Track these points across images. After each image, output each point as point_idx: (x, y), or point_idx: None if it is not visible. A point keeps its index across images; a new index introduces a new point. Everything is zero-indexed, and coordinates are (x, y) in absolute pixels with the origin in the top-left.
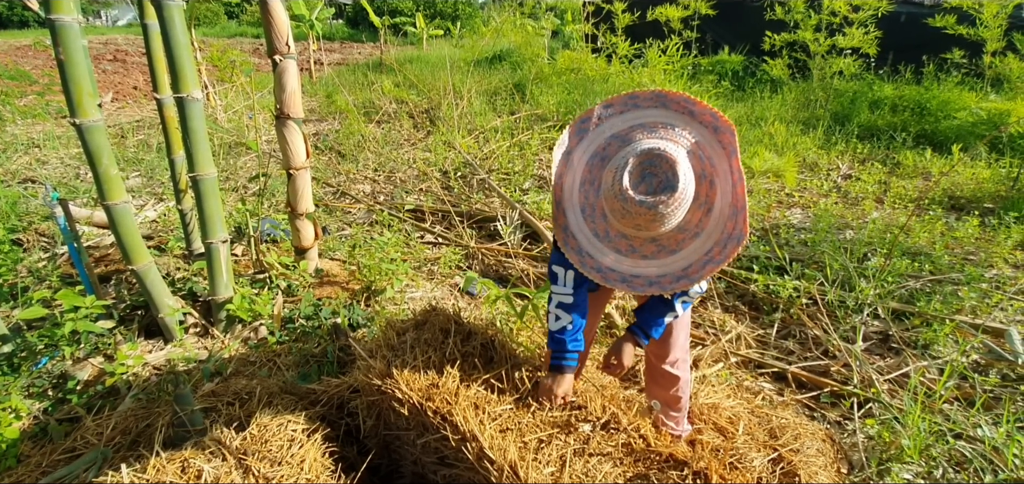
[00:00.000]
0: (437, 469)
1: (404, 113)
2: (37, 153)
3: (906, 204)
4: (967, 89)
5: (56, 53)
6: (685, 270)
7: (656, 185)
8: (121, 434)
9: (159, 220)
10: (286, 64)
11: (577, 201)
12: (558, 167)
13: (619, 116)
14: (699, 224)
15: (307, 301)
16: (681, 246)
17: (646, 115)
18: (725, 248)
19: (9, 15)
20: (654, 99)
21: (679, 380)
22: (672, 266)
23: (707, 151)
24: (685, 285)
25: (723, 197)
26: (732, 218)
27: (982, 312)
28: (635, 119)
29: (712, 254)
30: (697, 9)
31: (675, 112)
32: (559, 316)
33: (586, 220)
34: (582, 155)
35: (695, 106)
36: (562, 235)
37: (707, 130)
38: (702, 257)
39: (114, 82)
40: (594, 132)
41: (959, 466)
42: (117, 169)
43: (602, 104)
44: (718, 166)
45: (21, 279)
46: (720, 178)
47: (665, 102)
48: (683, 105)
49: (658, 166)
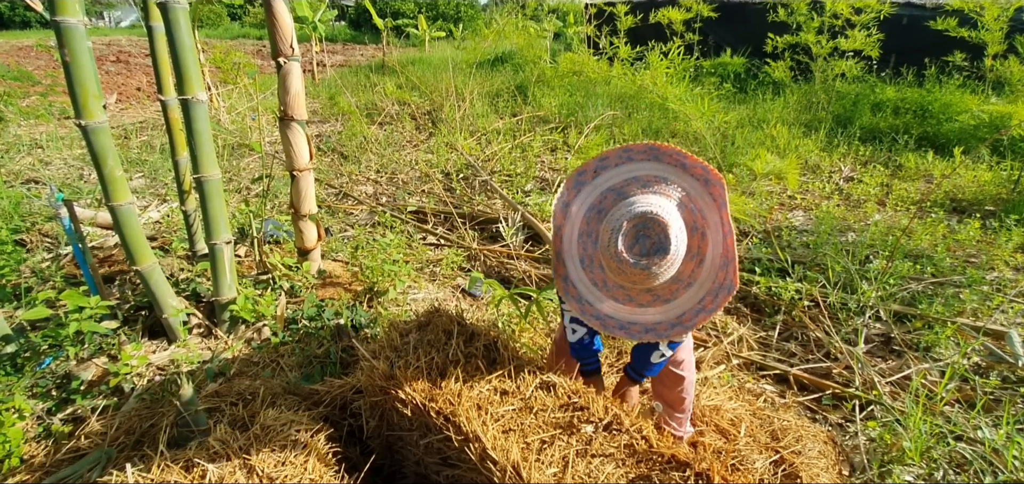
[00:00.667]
0: (440, 470)
1: (406, 115)
2: (40, 154)
3: (908, 206)
4: (969, 92)
5: (61, 55)
6: (679, 318)
7: (649, 247)
8: (125, 434)
9: (162, 221)
10: (290, 66)
11: (576, 252)
12: (557, 219)
13: (614, 169)
14: (692, 275)
15: (310, 302)
16: (675, 296)
17: (640, 168)
18: (717, 297)
19: (11, 16)
20: (647, 152)
21: (684, 380)
22: (667, 314)
23: (699, 203)
24: (680, 333)
25: (714, 248)
26: (723, 269)
27: (983, 314)
28: (630, 172)
29: (704, 303)
30: (699, 12)
31: (668, 165)
32: (575, 329)
33: (585, 270)
34: (580, 208)
35: (687, 159)
36: (562, 284)
37: (698, 182)
38: (695, 306)
39: (117, 83)
40: (591, 185)
41: (960, 468)
42: (122, 170)
43: (597, 158)
44: (709, 218)
45: (25, 280)
46: (711, 230)
47: (658, 155)
48: (675, 158)
49: (651, 229)
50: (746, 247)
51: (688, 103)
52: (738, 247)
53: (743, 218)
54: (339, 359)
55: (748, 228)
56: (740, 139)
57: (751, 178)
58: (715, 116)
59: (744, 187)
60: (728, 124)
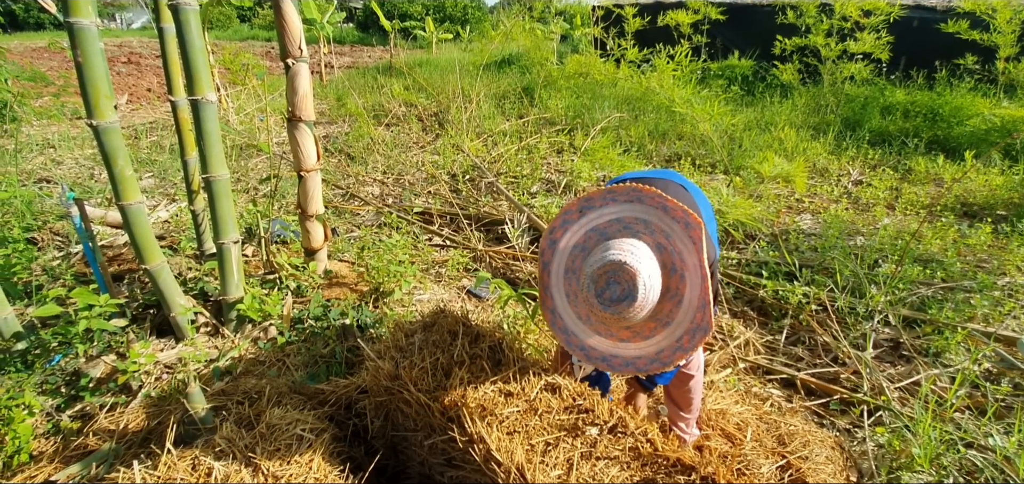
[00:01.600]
0: (444, 470)
1: (413, 116)
2: (52, 153)
3: (918, 210)
4: (980, 95)
5: (74, 56)
6: (658, 354)
7: (619, 294)
8: (133, 432)
9: (171, 220)
10: (298, 68)
11: (562, 287)
12: (546, 255)
13: (598, 210)
14: (669, 314)
15: (316, 302)
16: (654, 334)
17: (622, 210)
18: (693, 337)
19: (25, 17)
20: (629, 195)
21: (693, 378)
22: (647, 349)
23: (678, 245)
24: (658, 369)
25: (692, 289)
26: (700, 310)
27: (994, 320)
28: (613, 213)
29: (682, 342)
30: (707, 14)
31: (649, 207)
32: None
33: (570, 305)
34: (566, 244)
35: (667, 203)
36: (550, 316)
37: (679, 225)
38: (673, 343)
39: (128, 84)
40: (576, 224)
41: (970, 475)
42: (132, 170)
43: (582, 198)
44: (688, 260)
45: (36, 277)
46: (690, 272)
47: (640, 198)
48: (656, 200)
49: (620, 276)
50: (753, 250)
51: (695, 106)
52: (746, 250)
53: (750, 221)
54: (344, 359)
55: (755, 231)
56: (748, 142)
57: (759, 181)
58: (722, 119)
59: (752, 190)
60: (735, 127)
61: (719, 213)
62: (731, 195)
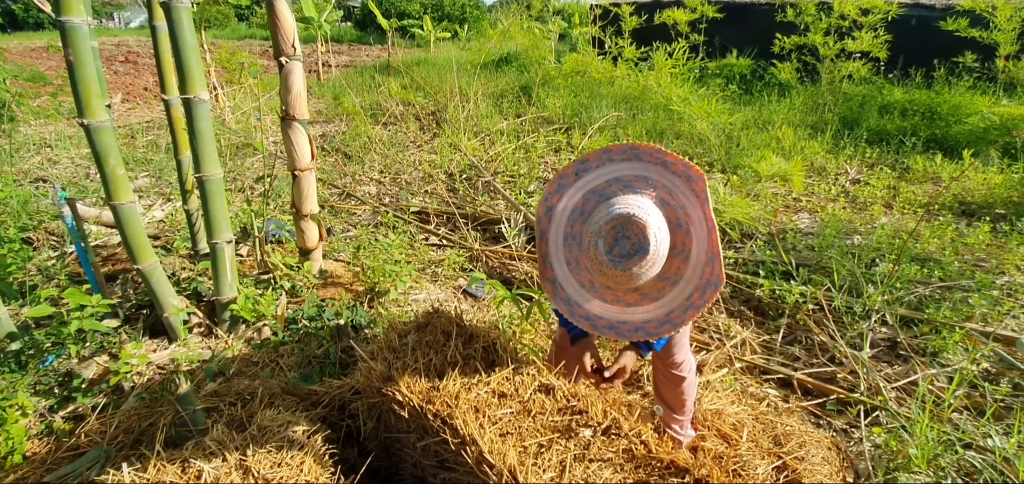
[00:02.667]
0: (437, 472)
1: (410, 115)
2: (49, 153)
3: (915, 209)
4: (979, 93)
5: (66, 54)
6: (668, 315)
7: (629, 248)
8: (124, 433)
9: (166, 220)
10: (292, 66)
11: (562, 255)
12: (542, 223)
13: (595, 171)
14: (678, 272)
15: (311, 302)
16: (663, 293)
17: (620, 168)
18: (704, 293)
19: (25, 17)
20: (627, 152)
21: (684, 380)
22: (656, 312)
23: (681, 200)
24: (668, 330)
25: (699, 244)
26: (709, 264)
27: (993, 320)
28: (610, 173)
29: (692, 299)
30: (704, 12)
31: (648, 163)
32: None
33: (572, 273)
34: (564, 210)
35: (667, 157)
36: (550, 287)
37: (680, 179)
38: (683, 302)
39: (125, 83)
40: (573, 187)
41: (968, 476)
42: (124, 169)
43: (578, 160)
44: (692, 214)
45: (30, 277)
46: (695, 226)
47: (638, 154)
48: (655, 156)
49: (630, 230)
50: (750, 250)
51: (693, 104)
52: (743, 249)
53: (747, 220)
54: (338, 360)
55: (752, 230)
56: (745, 141)
57: (756, 180)
58: (720, 117)
59: (749, 189)
60: (733, 125)
61: (716, 212)
62: (728, 194)
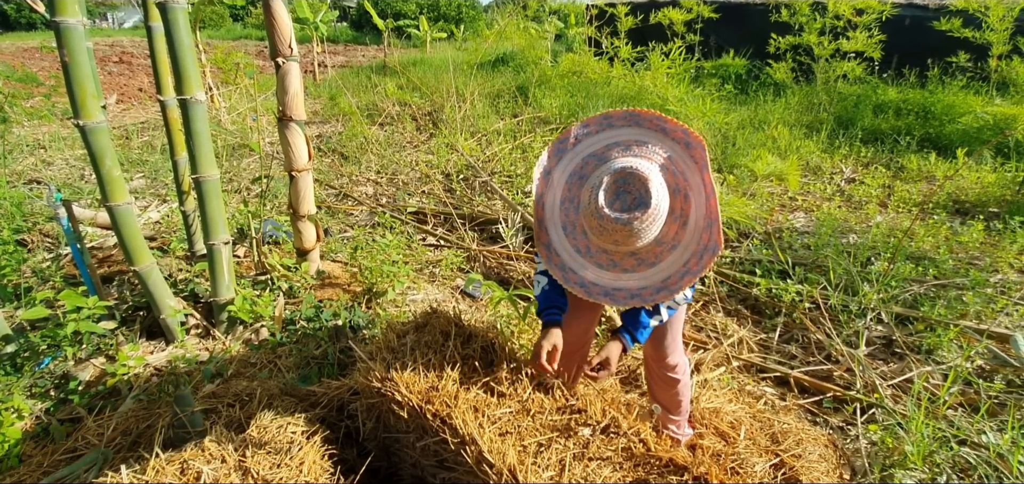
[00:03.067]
0: (436, 472)
1: (407, 116)
2: (43, 154)
3: (910, 208)
4: (972, 93)
5: (60, 55)
6: (665, 282)
7: (630, 202)
8: (122, 435)
9: (162, 221)
10: (289, 66)
11: (558, 219)
12: (539, 187)
13: (595, 136)
14: (676, 237)
15: (308, 303)
16: (660, 259)
17: (620, 134)
18: (701, 259)
19: (17, 17)
20: (627, 118)
21: (679, 382)
22: (652, 278)
23: (680, 166)
24: (665, 297)
25: (697, 210)
26: (707, 230)
27: (987, 317)
28: (610, 138)
29: (689, 265)
30: (700, 13)
31: (648, 130)
32: (540, 280)
33: (568, 237)
34: (561, 174)
35: (667, 123)
36: (545, 252)
37: (679, 146)
38: (680, 269)
39: (119, 84)
40: (572, 152)
41: (963, 472)
42: (120, 170)
43: (579, 125)
44: (691, 180)
45: (25, 280)
46: (694, 192)
47: (638, 121)
48: (656, 123)
49: (631, 184)
50: (747, 249)
51: (689, 104)
52: (740, 248)
53: (744, 219)
54: (337, 360)
55: (749, 229)
56: (741, 140)
57: (752, 179)
58: (716, 117)
59: (745, 188)
60: (729, 125)
61: None
62: (725, 193)
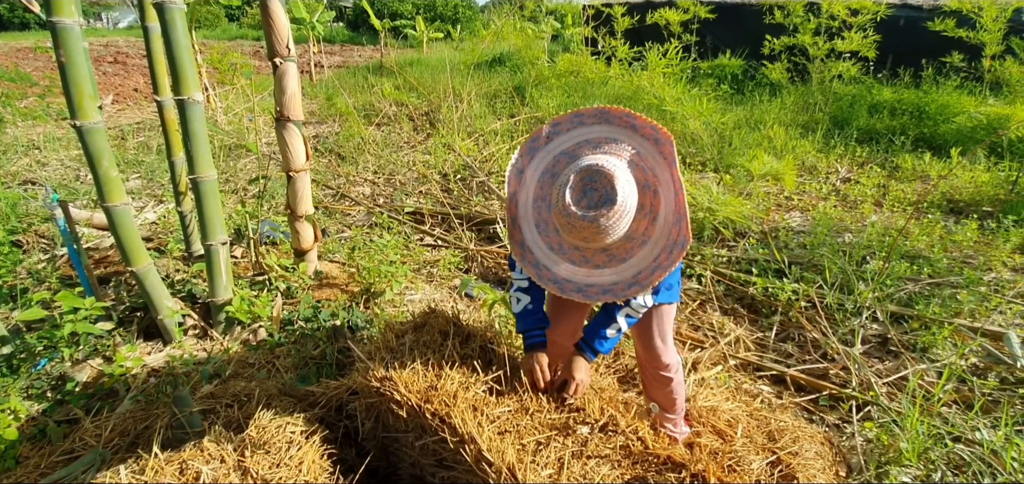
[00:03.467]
0: (435, 471)
1: (404, 116)
2: (37, 155)
3: (905, 207)
4: (966, 93)
5: (57, 55)
6: (636, 277)
7: (596, 199)
8: (119, 436)
9: (159, 222)
10: (286, 67)
11: (532, 217)
12: (511, 185)
13: (566, 133)
14: (646, 232)
15: (306, 303)
16: (630, 254)
17: (591, 131)
18: (671, 254)
19: (10, 17)
20: (598, 116)
21: (672, 381)
22: (624, 274)
23: (649, 162)
24: (637, 291)
25: (667, 205)
26: (676, 224)
27: (981, 315)
28: (581, 135)
29: (660, 260)
30: (696, 13)
31: (618, 126)
32: (519, 298)
33: (541, 235)
34: (534, 173)
35: (636, 120)
36: (519, 250)
37: (648, 142)
38: (651, 263)
39: (115, 84)
40: (544, 150)
41: (958, 469)
42: (117, 171)
43: (550, 123)
44: (660, 176)
45: (21, 281)
46: (663, 187)
47: (608, 118)
48: (625, 119)
49: (597, 181)
50: (743, 248)
51: (686, 104)
52: (736, 248)
53: (740, 219)
54: (335, 360)
55: (745, 229)
56: (737, 140)
57: (748, 179)
58: (712, 117)
59: (741, 188)
60: (725, 125)
61: (709, 211)
62: (721, 193)
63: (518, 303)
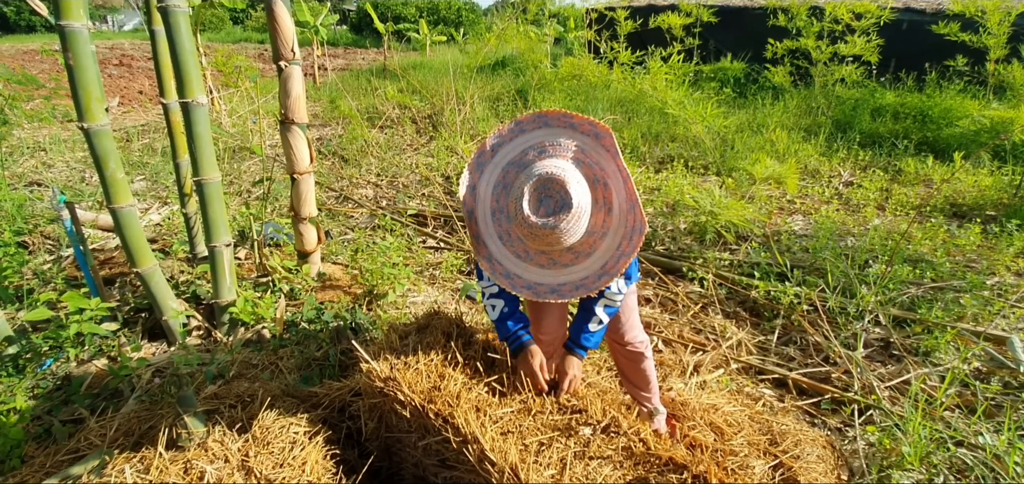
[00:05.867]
0: (438, 471)
1: (407, 119)
2: (43, 156)
3: (908, 211)
4: (970, 97)
5: (65, 58)
6: (603, 268)
7: (553, 206)
8: (124, 435)
9: (163, 224)
10: (291, 70)
11: (493, 230)
12: (467, 204)
13: (510, 143)
14: (604, 224)
15: (309, 305)
16: (594, 248)
17: (532, 137)
18: (631, 240)
19: (16, 20)
20: (536, 121)
21: (644, 357)
22: (592, 267)
23: (594, 157)
24: (607, 281)
25: (619, 195)
26: (631, 212)
27: (984, 320)
28: (524, 142)
29: (622, 248)
30: (699, 17)
31: (557, 128)
32: (494, 305)
33: (506, 246)
34: (486, 187)
35: (574, 119)
36: (487, 265)
37: (589, 138)
38: (615, 253)
39: (120, 87)
40: (491, 162)
41: (960, 474)
42: (123, 173)
43: (492, 134)
44: (607, 168)
45: (27, 281)
46: (611, 179)
47: (547, 122)
48: (563, 120)
49: (551, 189)
50: (746, 251)
51: (688, 108)
52: (738, 251)
53: (742, 223)
54: (338, 362)
55: (748, 232)
56: (740, 144)
57: (750, 182)
58: (715, 121)
59: (744, 191)
60: (728, 129)
61: (712, 214)
62: (723, 196)
63: (494, 310)
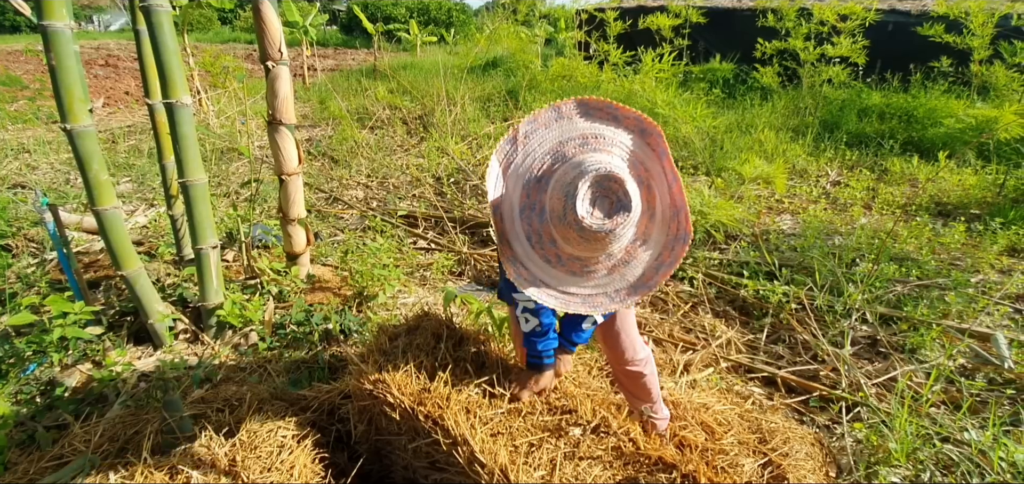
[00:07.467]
0: (428, 473)
1: (397, 119)
2: (27, 158)
3: (894, 210)
4: (954, 97)
5: (48, 59)
6: (641, 278)
7: (610, 208)
8: (109, 441)
9: (149, 226)
10: (279, 70)
11: (520, 230)
12: (494, 198)
13: (545, 130)
14: (646, 231)
15: (298, 307)
16: (633, 257)
17: (572, 126)
18: (673, 250)
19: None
20: (577, 108)
21: (644, 375)
22: (627, 278)
23: (639, 155)
24: (644, 294)
25: (662, 200)
26: (674, 219)
27: (968, 317)
28: (562, 132)
29: (662, 258)
30: (688, 18)
31: (599, 122)
32: (528, 319)
33: (534, 248)
34: (515, 179)
35: (618, 111)
36: (513, 269)
37: (634, 134)
38: (654, 263)
39: (106, 87)
40: (522, 150)
41: (946, 469)
42: (107, 174)
43: (526, 120)
44: (652, 169)
45: (9, 285)
46: (655, 181)
47: (588, 111)
48: (607, 111)
49: (609, 188)
50: (735, 251)
51: (678, 108)
52: (727, 251)
53: (731, 222)
54: (327, 364)
55: (737, 232)
56: (729, 144)
57: (740, 182)
58: (704, 121)
59: (733, 191)
60: (717, 129)
61: (701, 214)
62: (713, 196)
63: (526, 324)
